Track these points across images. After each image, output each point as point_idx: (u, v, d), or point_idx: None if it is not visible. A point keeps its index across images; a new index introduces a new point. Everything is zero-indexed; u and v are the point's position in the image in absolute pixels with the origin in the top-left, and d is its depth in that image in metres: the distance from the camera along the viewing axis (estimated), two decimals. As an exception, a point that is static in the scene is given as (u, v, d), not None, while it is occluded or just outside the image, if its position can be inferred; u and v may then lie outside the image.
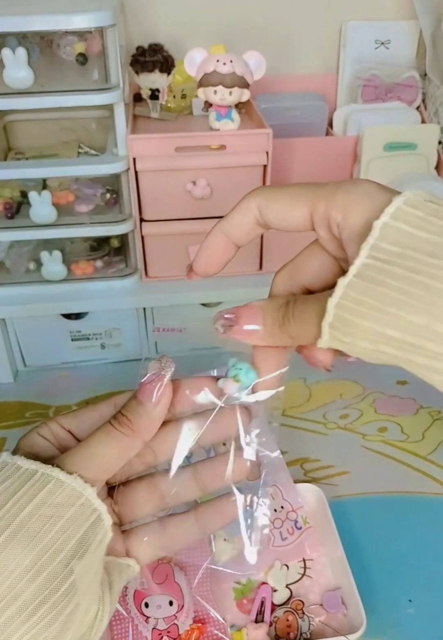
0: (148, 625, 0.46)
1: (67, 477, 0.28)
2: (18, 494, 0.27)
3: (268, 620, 0.47)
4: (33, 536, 0.27)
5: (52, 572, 0.27)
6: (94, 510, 0.29)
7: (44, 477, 0.28)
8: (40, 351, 0.77)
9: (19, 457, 0.29)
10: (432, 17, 0.80)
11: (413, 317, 0.23)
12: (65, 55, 0.63)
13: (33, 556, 0.26)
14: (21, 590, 0.26)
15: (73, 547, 0.28)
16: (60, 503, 0.28)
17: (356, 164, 0.82)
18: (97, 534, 0.29)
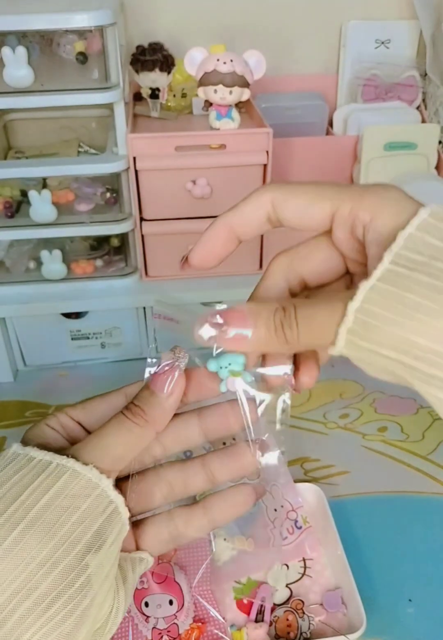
0: (148, 625, 0.46)
1: (83, 468, 0.28)
2: (33, 484, 0.27)
3: (268, 620, 0.47)
4: (49, 528, 0.26)
5: (68, 565, 0.26)
6: (110, 502, 0.28)
7: (60, 468, 0.27)
8: (40, 350, 0.77)
9: (31, 448, 0.28)
10: (432, 17, 0.80)
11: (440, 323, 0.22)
12: (65, 54, 0.63)
13: (49, 549, 0.26)
14: (37, 584, 0.25)
15: (90, 539, 0.27)
16: (76, 494, 0.27)
17: (356, 164, 0.82)
18: (114, 526, 0.28)
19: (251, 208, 0.30)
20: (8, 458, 0.28)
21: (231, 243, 0.32)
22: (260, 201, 0.30)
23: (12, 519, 0.26)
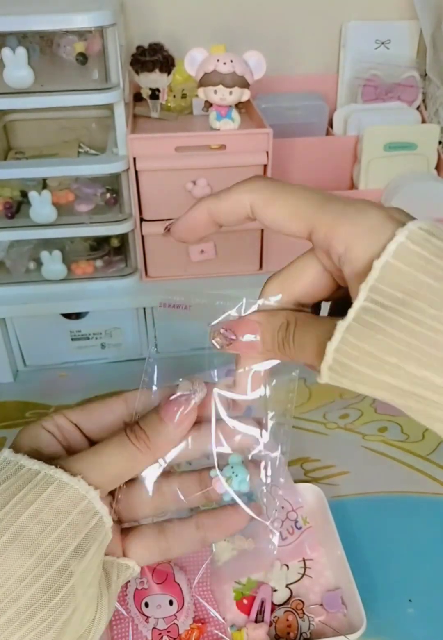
0: (148, 625, 0.46)
1: (70, 479, 0.27)
2: (19, 495, 0.26)
3: (268, 620, 0.47)
4: (32, 540, 0.26)
5: (50, 577, 0.26)
6: (95, 513, 0.28)
7: (47, 479, 0.27)
8: (40, 351, 0.77)
9: (22, 456, 0.28)
10: (432, 17, 0.80)
11: (413, 369, 0.22)
12: (65, 54, 0.63)
13: (32, 561, 0.25)
14: (19, 595, 0.25)
15: (73, 551, 0.27)
16: (61, 506, 0.27)
17: (356, 164, 0.82)
18: (97, 536, 0.28)
19: (231, 204, 0.30)
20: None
21: (212, 225, 0.31)
22: (240, 201, 0.29)
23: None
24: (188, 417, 0.29)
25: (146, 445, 0.29)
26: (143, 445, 0.29)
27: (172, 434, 0.30)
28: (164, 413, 0.30)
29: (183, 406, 0.29)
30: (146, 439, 0.29)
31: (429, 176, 0.80)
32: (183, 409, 0.29)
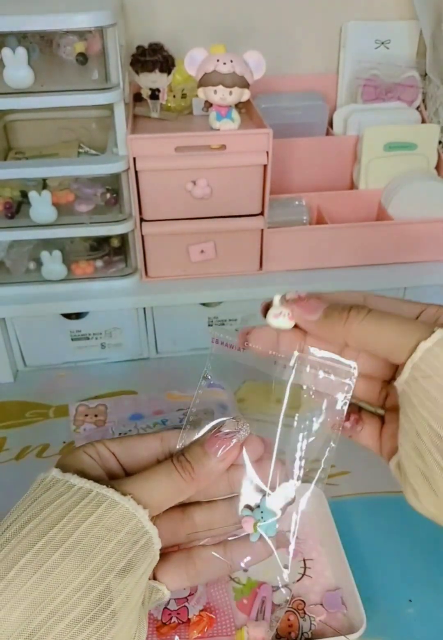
0: (160, 606, 0.46)
1: (121, 498, 0.29)
2: (74, 510, 0.28)
3: (268, 619, 0.47)
4: (87, 554, 0.27)
5: (102, 591, 0.27)
6: (145, 532, 0.29)
7: (99, 497, 0.28)
8: (40, 351, 0.77)
9: (70, 475, 0.29)
10: (432, 17, 0.80)
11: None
12: (65, 54, 0.63)
13: (86, 574, 0.27)
14: (73, 607, 0.26)
15: (123, 567, 0.28)
16: (113, 523, 0.28)
17: (356, 164, 0.82)
18: (147, 556, 0.29)
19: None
20: (47, 483, 0.29)
21: None
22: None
23: (52, 541, 0.27)
24: (230, 453, 0.31)
25: (190, 475, 0.31)
26: (187, 476, 0.31)
27: (214, 468, 0.31)
28: (208, 447, 0.32)
29: (227, 442, 0.31)
30: (190, 470, 0.31)
31: (429, 176, 0.80)
32: (226, 445, 0.31)
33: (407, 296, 0.78)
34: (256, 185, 0.70)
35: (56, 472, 0.30)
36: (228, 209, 0.71)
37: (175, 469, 0.31)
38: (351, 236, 0.75)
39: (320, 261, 0.76)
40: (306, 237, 0.75)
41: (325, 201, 0.80)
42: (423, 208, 0.77)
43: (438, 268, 0.76)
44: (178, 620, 0.46)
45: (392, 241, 0.75)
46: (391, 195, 0.79)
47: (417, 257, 0.77)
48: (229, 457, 0.31)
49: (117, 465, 0.33)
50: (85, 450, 0.32)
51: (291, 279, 0.75)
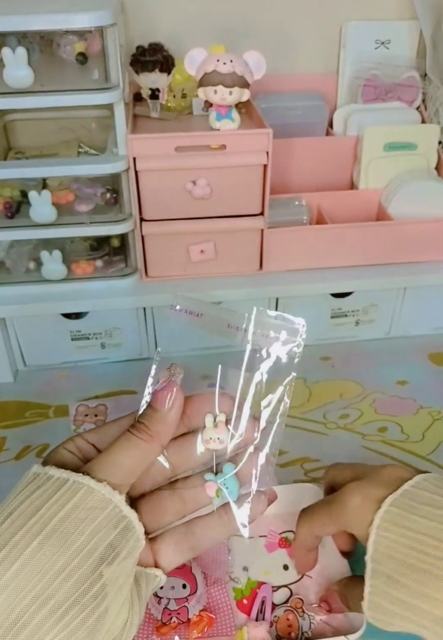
0: (160, 607, 0.46)
1: (97, 484, 0.30)
2: (52, 499, 0.29)
3: (269, 619, 0.47)
4: (66, 539, 0.28)
5: (83, 574, 0.28)
6: (123, 517, 0.30)
7: (76, 485, 0.29)
8: (40, 351, 0.77)
9: (49, 467, 0.31)
10: (432, 17, 0.80)
11: None
12: (65, 54, 0.63)
13: (66, 558, 0.27)
14: (54, 591, 0.27)
15: (104, 551, 0.29)
16: (91, 508, 0.29)
17: (356, 164, 0.82)
18: (128, 540, 0.30)
19: None
20: (29, 477, 0.31)
21: None
22: None
23: (32, 530, 0.28)
24: (176, 398, 0.33)
25: (148, 434, 0.32)
26: (145, 435, 0.32)
27: (166, 417, 0.33)
28: (155, 402, 0.33)
29: (168, 391, 0.33)
30: (146, 429, 0.33)
31: (429, 176, 0.80)
32: (170, 393, 0.33)
33: (406, 296, 0.78)
34: (256, 185, 0.70)
35: (37, 467, 0.31)
36: (228, 209, 0.71)
37: (132, 435, 0.32)
38: (351, 236, 0.75)
39: (320, 261, 0.76)
40: (306, 237, 0.75)
41: (325, 201, 0.80)
42: (423, 208, 0.77)
43: (438, 268, 0.76)
44: (178, 620, 0.46)
45: (392, 241, 0.75)
46: (391, 195, 0.79)
47: (417, 257, 0.77)
48: (176, 402, 0.33)
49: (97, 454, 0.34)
50: (64, 446, 0.34)
51: (291, 279, 0.75)
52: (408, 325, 0.81)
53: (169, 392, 0.33)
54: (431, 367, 0.76)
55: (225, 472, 0.35)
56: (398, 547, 0.35)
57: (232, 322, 0.34)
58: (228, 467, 0.35)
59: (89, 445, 0.34)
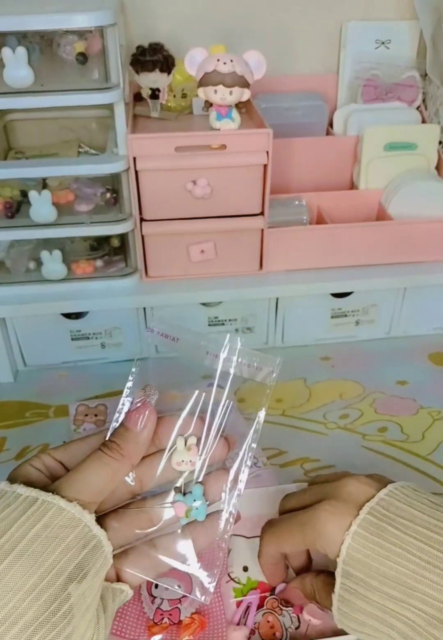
0: (153, 606, 0.46)
1: (67, 504, 0.30)
2: (21, 519, 0.28)
3: (250, 624, 0.47)
4: (36, 559, 0.28)
5: (52, 594, 0.27)
6: (93, 536, 0.30)
7: (46, 504, 0.29)
8: (40, 351, 0.77)
9: (17, 485, 0.30)
10: (432, 17, 0.80)
11: None
12: (65, 54, 0.63)
13: (36, 578, 0.27)
14: (24, 611, 0.26)
15: (73, 570, 0.29)
16: (60, 529, 0.29)
17: (356, 164, 0.82)
18: (97, 559, 0.30)
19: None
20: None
21: None
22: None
23: (1, 550, 0.27)
24: (149, 419, 0.34)
25: (119, 453, 0.33)
26: (117, 454, 0.33)
27: (139, 438, 0.33)
28: (128, 422, 0.34)
29: (142, 411, 0.34)
30: (118, 448, 0.33)
31: (429, 176, 0.80)
32: (143, 414, 0.33)
33: (406, 296, 0.78)
34: (256, 185, 0.70)
35: (4, 484, 0.31)
36: (228, 209, 0.71)
37: (104, 454, 0.32)
38: (351, 236, 0.75)
39: (320, 261, 0.76)
40: (306, 237, 0.75)
41: (325, 201, 0.80)
42: (423, 208, 0.77)
43: (438, 268, 0.76)
44: (169, 621, 0.46)
45: (392, 241, 0.75)
46: (391, 195, 0.79)
47: (417, 257, 0.77)
48: (148, 423, 0.33)
49: (65, 472, 0.34)
50: (31, 463, 0.34)
51: (291, 279, 0.75)
52: (408, 325, 0.81)
53: (143, 413, 0.33)
54: (431, 367, 0.76)
55: (195, 492, 0.35)
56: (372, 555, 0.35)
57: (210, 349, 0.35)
58: (197, 488, 0.35)
59: (57, 462, 0.34)
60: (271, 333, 0.79)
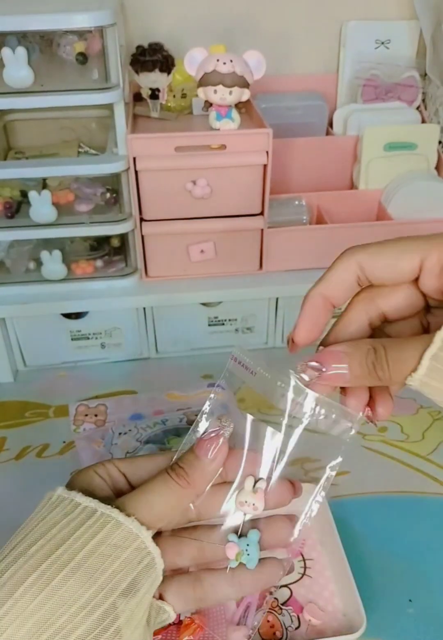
0: None
1: (125, 519, 0.29)
2: (80, 530, 0.28)
3: (249, 625, 0.47)
4: (92, 573, 0.28)
5: (106, 610, 0.27)
6: (148, 553, 0.30)
7: (104, 517, 0.29)
8: (40, 351, 0.77)
9: (76, 493, 0.30)
10: (432, 17, 0.80)
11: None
12: (65, 54, 0.63)
13: (90, 593, 0.27)
14: (77, 625, 0.26)
15: (127, 587, 0.29)
16: (118, 544, 0.29)
17: (356, 164, 0.82)
18: (149, 576, 0.30)
19: (340, 274, 0.32)
20: (53, 501, 0.30)
21: (327, 312, 0.33)
22: (346, 266, 0.31)
23: (59, 561, 0.27)
24: (220, 450, 0.33)
25: (186, 480, 0.32)
26: (183, 481, 0.32)
27: (207, 468, 0.33)
28: (198, 450, 0.33)
29: (214, 442, 0.33)
30: (185, 475, 0.32)
31: (429, 176, 0.80)
32: (215, 444, 0.33)
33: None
34: (256, 185, 0.70)
35: (62, 490, 0.31)
36: (228, 209, 0.71)
37: (170, 478, 0.32)
38: (351, 236, 0.74)
39: (320, 261, 0.75)
40: (306, 237, 0.74)
41: (325, 201, 0.80)
42: (423, 208, 0.77)
43: (438, 268, 0.76)
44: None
45: (392, 241, 0.75)
46: (391, 195, 0.79)
47: (417, 257, 0.77)
48: (219, 455, 0.32)
49: (128, 486, 0.34)
50: (95, 470, 0.33)
51: (291, 279, 0.75)
52: (408, 325, 0.81)
53: (215, 443, 0.33)
54: (431, 367, 0.76)
55: (250, 538, 0.34)
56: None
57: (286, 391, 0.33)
58: (253, 533, 0.34)
59: (120, 474, 0.34)
60: (271, 333, 0.79)
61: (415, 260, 0.30)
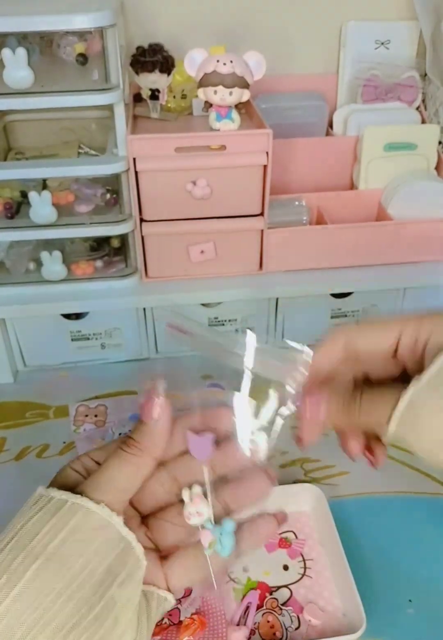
0: None
1: (95, 506, 0.30)
2: (50, 522, 0.29)
3: (249, 625, 0.47)
4: (65, 562, 0.28)
5: (83, 597, 0.28)
6: (122, 538, 0.30)
7: (74, 506, 0.30)
8: (40, 351, 0.77)
9: (52, 489, 0.31)
10: (432, 18, 0.80)
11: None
12: (65, 55, 0.63)
13: (65, 581, 0.27)
14: (55, 614, 0.27)
15: (103, 572, 0.29)
16: (90, 531, 0.29)
17: (356, 164, 0.82)
18: (127, 562, 0.30)
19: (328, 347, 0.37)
20: (33, 499, 0.31)
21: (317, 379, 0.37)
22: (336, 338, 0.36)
23: (31, 554, 0.28)
24: (161, 408, 0.33)
25: (138, 448, 0.32)
26: (135, 450, 0.32)
27: (155, 429, 0.33)
28: (142, 415, 0.33)
29: (152, 401, 0.33)
30: (136, 443, 0.33)
31: (429, 176, 0.80)
32: (154, 403, 0.33)
33: (406, 296, 0.78)
34: (256, 185, 0.70)
35: (41, 489, 0.31)
36: (228, 209, 0.71)
37: (123, 451, 0.32)
38: (351, 236, 0.75)
39: (320, 261, 0.76)
40: (306, 237, 0.75)
41: (325, 201, 0.80)
42: (423, 208, 0.77)
43: (438, 268, 0.76)
44: (169, 622, 0.46)
45: (392, 241, 0.75)
46: (391, 195, 0.79)
47: (417, 257, 0.77)
48: (163, 414, 0.33)
49: None
50: (71, 466, 0.34)
51: (291, 279, 0.75)
52: (408, 326, 0.81)
53: (154, 403, 0.33)
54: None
55: (224, 527, 0.34)
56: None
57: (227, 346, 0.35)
58: (227, 523, 0.34)
59: (94, 463, 0.34)
60: (271, 333, 0.79)
61: (396, 331, 0.35)
